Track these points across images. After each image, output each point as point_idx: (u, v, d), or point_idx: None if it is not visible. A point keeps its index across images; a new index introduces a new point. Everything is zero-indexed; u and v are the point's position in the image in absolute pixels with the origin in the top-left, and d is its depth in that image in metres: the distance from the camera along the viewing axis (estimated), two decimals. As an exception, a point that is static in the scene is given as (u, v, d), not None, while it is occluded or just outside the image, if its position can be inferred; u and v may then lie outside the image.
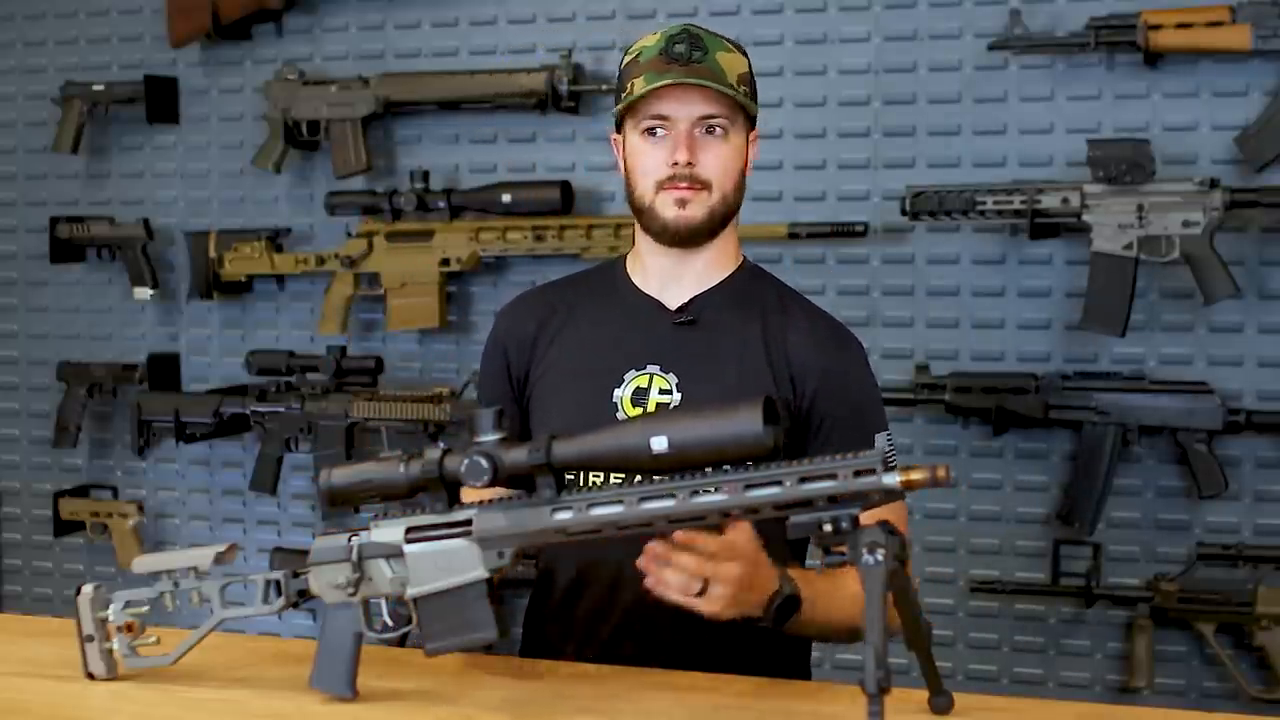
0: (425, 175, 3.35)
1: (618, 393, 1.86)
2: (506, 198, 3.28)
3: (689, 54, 1.82)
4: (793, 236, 3.08)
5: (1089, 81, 2.98)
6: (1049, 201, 2.88)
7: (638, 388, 1.86)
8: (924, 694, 1.49)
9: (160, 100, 3.62)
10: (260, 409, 3.47)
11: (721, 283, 1.92)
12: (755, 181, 3.13)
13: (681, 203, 1.84)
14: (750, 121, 1.90)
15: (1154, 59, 2.90)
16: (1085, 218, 2.86)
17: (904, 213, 2.97)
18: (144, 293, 3.65)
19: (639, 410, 1.84)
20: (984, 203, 2.91)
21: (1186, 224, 2.81)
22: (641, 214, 1.88)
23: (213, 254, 3.54)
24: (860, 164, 3.13)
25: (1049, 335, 3.02)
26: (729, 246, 1.93)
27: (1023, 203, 2.88)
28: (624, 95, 1.86)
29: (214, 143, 3.66)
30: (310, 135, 3.46)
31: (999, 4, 3.00)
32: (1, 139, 3.86)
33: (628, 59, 1.88)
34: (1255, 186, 2.83)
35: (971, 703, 1.53)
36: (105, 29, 3.74)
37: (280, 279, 3.59)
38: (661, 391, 1.85)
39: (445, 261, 3.34)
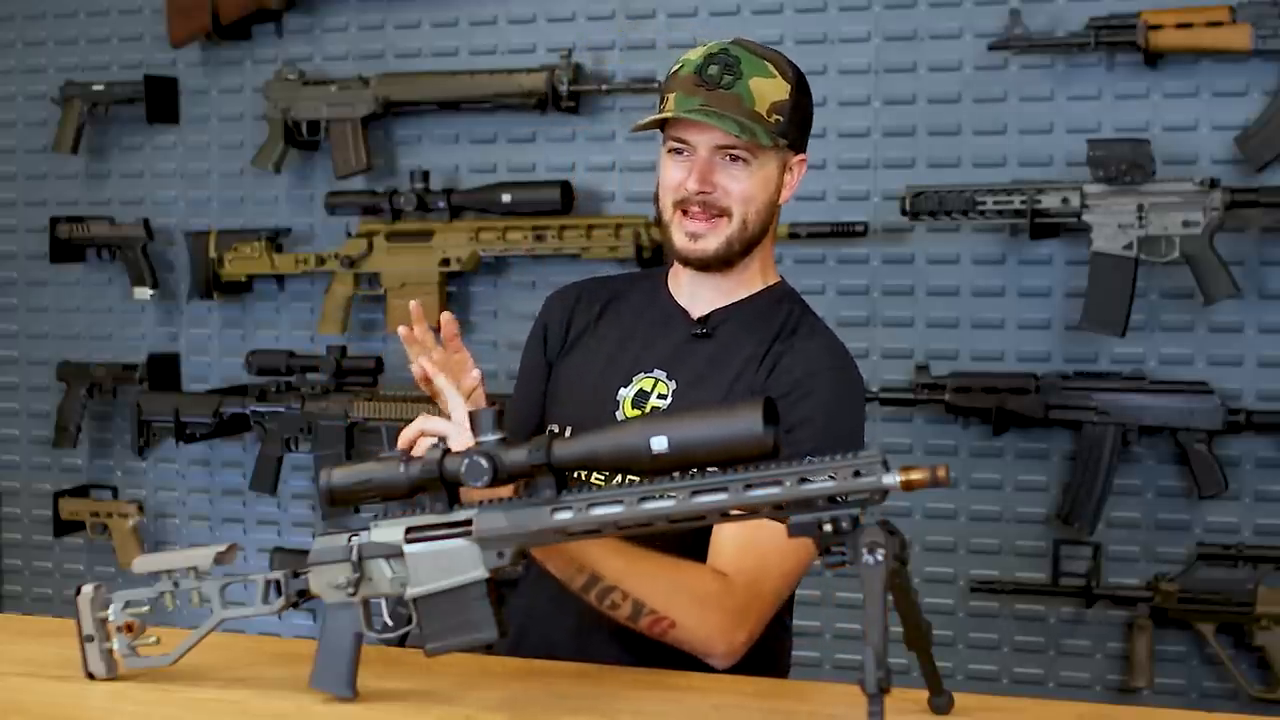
0: (425, 175, 3.35)
1: (623, 392, 1.90)
2: (506, 198, 3.28)
3: (719, 77, 1.82)
4: (793, 236, 3.08)
5: (1089, 81, 2.98)
6: (1049, 201, 2.88)
7: (640, 390, 1.90)
8: (924, 694, 1.49)
9: (160, 100, 3.63)
10: (260, 409, 3.47)
11: (745, 299, 1.93)
12: (755, 181, 3.18)
13: (694, 236, 1.86)
14: (795, 147, 1.89)
15: (1154, 59, 2.90)
16: (1085, 218, 2.86)
17: (904, 213, 2.97)
18: (144, 293, 3.65)
19: (637, 411, 1.87)
20: (984, 203, 2.91)
21: (1186, 224, 2.81)
22: (662, 227, 1.91)
23: (213, 254, 3.54)
24: (860, 164, 3.13)
25: (1049, 335, 3.02)
26: (756, 266, 1.93)
27: (1023, 203, 2.88)
28: (660, 106, 1.88)
29: (214, 143, 3.66)
30: (310, 135, 3.46)
31: (999, 4, 3.00)
32: (1, 139, 3.86)
33: (672, 68, 1.89)
34: (1255, 186, 2.83)
35: (971, 703, 1.53)
36: (105, 29, 3.74)
37: (280, 279, 3.59)
38: (659, 396, 1.88)
39: (445, 261, 3.34)
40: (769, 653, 1.86)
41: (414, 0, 3.46)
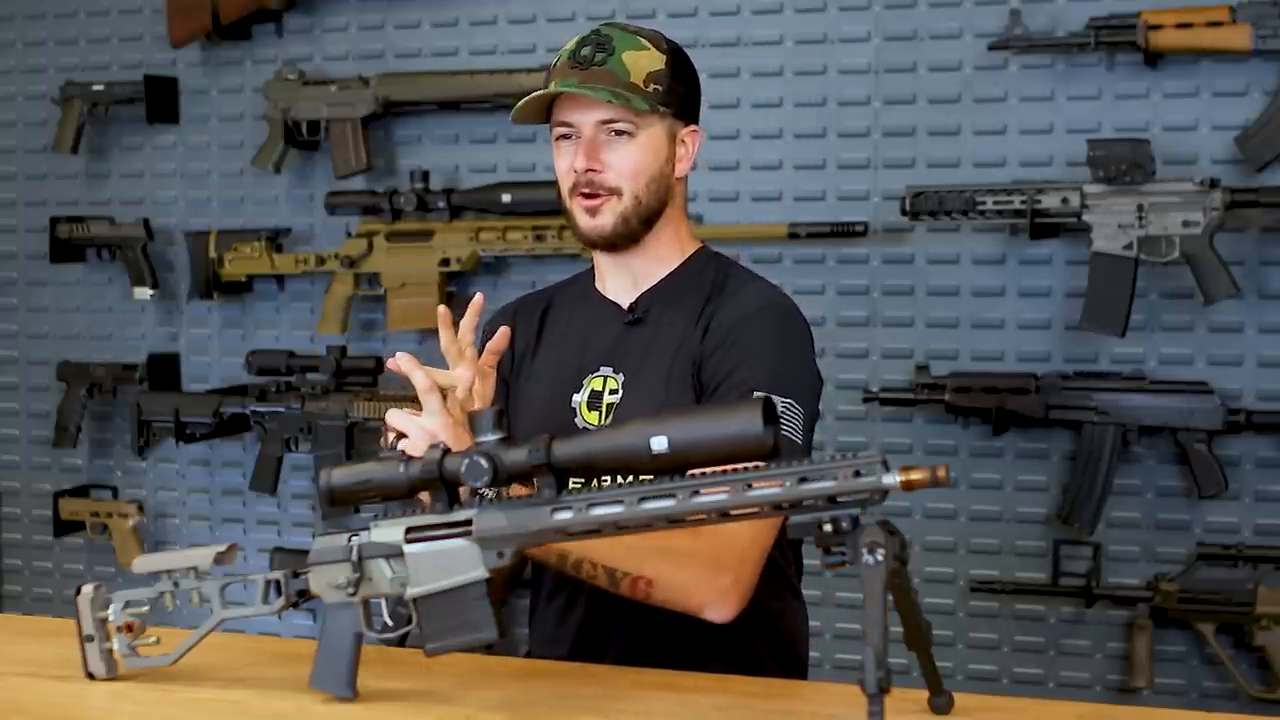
0: (425, 175, 3.35)
1: (576, 398, 1.90)
2: (506, 198, 3.28)
3: (592, 56, 1.84)
4: (793, 236, 3.08)
5: (1089, 81, 2.98)
6: (1049, 201, 2.88)
7: (593, 391, 1.90)
8: (924, 694, 1.49)
9: (160, 100, 3.63)
10: (260, 409, 3.47)
11: (667, 276, 1.93)
12: (755, 181, 3.19)
13: (591, 211, 1.86)
14: (682, 117, 1.90)
15: (1154, 59, 2.90)
16: (1085, 218, 2.86)
17: (904, 213, 2.97)
18: (144, 293, 3.65)
19: (595, 414, 1.88)
20: (984, 203, 2.91)
21: (1186, 224, 2.81)
22: (568, 218, 1.91)
23: (213, 254, 3.54)
24: (860, 164, 3.13)
25: (1049, 335, 3.02)
26: (668, 241, 1.93)
27: (1023, 203, 2.88)
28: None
29: (214, 143, 3.66)
30: (310, 135, 3.46)
31: (999, 4, 3.00)
32: (1, 139, 3.86)
33: (553, 63, 1.90)
34: (1255, 186, 2.83)
35: (971, 703, 1.53)
36: (105, 29, 3.74)
37: (280, 279, 3.59)
38: (611, 392, 1.89)
39: (445, 261, 3.34)
40: (778, 629, 1.89)
41: (414, 0, 3.46)
